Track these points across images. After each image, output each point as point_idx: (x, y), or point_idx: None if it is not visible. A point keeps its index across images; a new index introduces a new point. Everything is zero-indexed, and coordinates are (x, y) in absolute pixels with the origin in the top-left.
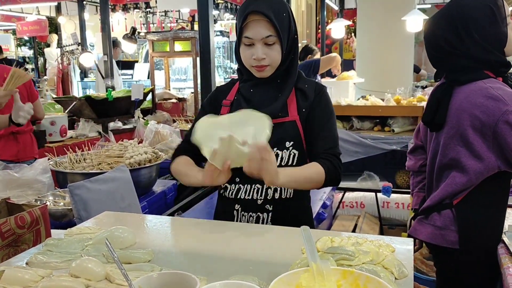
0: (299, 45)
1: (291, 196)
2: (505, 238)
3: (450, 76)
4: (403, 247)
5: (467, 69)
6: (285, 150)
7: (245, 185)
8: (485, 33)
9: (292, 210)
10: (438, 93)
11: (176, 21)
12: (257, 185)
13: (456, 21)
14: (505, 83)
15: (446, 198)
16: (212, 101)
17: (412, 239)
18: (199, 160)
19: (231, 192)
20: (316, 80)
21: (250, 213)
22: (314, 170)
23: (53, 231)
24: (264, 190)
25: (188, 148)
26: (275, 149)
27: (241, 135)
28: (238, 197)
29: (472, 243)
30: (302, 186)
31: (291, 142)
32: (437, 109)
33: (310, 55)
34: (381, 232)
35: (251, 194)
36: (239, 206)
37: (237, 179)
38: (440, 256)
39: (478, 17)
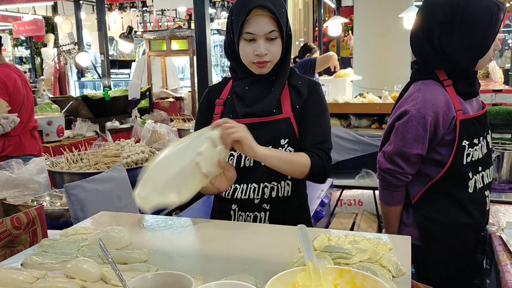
0: (297, 43)
1: (288, 195)
2: (503, 234)
3: (412, 74)
4: (400, 244)
5: (421, 68)
6: (280, 148)
7: (241, 185)
8: (474, 35)
9: (290, 209)
10: (404, 89)
11: (173, 20)
12: (254, 184)
13: (458, 10)
14: (452, 87)
15: (407, 197)
16: (207, 101)
17: (409, 237)
18: None
19: (227, 192)
20: (314, 78)
21: (247, 213)
22: (298, 157)
23: (50, 232)
24: (260, 190)
25: None
26: (270, 147)
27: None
28: (235, 197)
29: (432, 241)
30: (283, 166)
31: (286, 140)
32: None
33: (308, 53)
34: (379, 230)
35: (247, 194)
36: (236, 206)
37: None
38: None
39: (477, 17)
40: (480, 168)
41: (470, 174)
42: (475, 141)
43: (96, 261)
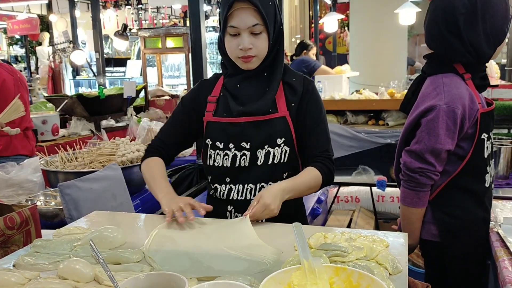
0: (293, 40)
1: None
2: (500, 230)
3: (424, 67)
4: (397, 241)
5: (439, 61)
6: (276, 147)
7: (237, 185)
8: (495, 23)
9: (285, 208)
10: (415, 83)
11: (168, 17)
12: (250, 185)
13: (476, 0)
14: (471, 81)
15: None
16: (194, 97)
17: (406, 234)
18: (171, 159)
19: (222, 193)
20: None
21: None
22: (311, 179)
23: (44, 231)
24: (257, 190)
25: (162, 145)
26: (266, 146)
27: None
28: (231, 198)
29: (452, 237)
30: (303, 195)
31: (282, 139)
32: (411, 97)
33: (305, 51)
34: (377, 227)
35: (244, 195)
36: (232, 207)
37: (228, 179)
38: (424, 248)
39: (495, 5)
40: (491, 162)
41: (488, 168)
42: (490, 134)
43: (90, 262)
